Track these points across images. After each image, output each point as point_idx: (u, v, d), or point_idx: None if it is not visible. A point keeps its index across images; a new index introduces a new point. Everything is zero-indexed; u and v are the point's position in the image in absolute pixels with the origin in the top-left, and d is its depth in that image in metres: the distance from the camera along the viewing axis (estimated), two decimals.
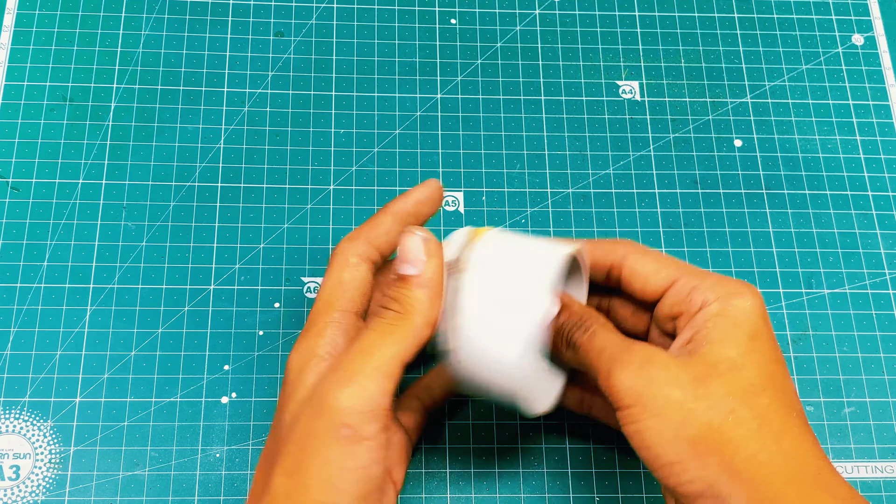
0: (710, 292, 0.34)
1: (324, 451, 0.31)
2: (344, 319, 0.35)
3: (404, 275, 0.34)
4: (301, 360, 0.34)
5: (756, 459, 0.31)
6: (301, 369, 0.34)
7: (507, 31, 0.53)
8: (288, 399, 0.34)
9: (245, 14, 0.53)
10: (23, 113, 0.49)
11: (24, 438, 0.42)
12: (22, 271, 0.46)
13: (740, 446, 0.31)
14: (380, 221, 0.37)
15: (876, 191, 0.50)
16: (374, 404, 0.31)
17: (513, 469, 0.43)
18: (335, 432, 0.31)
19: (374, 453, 0.32)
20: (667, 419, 0.31)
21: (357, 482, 0.31)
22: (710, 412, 0.31)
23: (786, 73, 0.53)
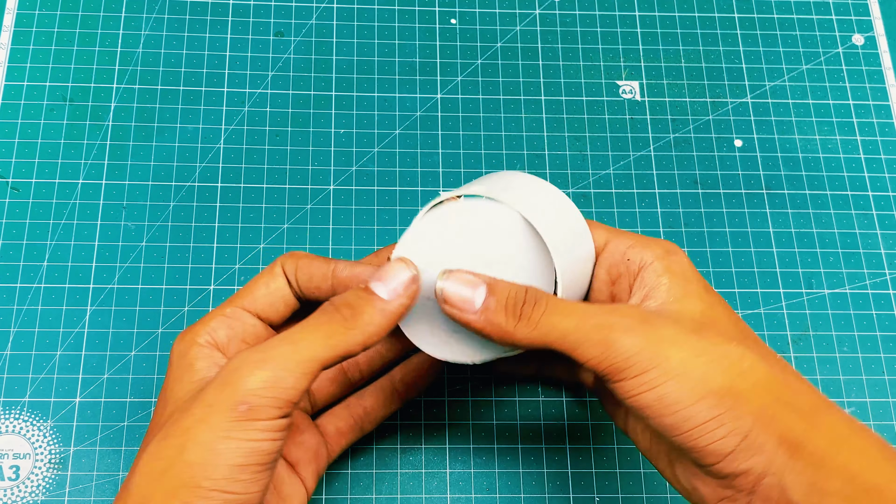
0: (645, 252, 0.34)
1: (213, 418, 0.30)
2: (234, 315, 0.35)
3: (371, 291, 0.32)
4: (182, 348, 0.34)
5: (781, 401, 0.30)
6: (182, 355, 0.34)
7: (507, 31, 0.53)
8: (174, 383, 0.33)
9: (245, 14, 0.53)
10: (23, 113, 0.49)
11: (24, 438, 0.42)
12: (22, 271, 0.46)
13: (765, 390, 0.30)
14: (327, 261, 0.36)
15: (876, 191, 0.50)
16: (283, 395, 0.30)
17: (513, 469, 0.43)
18: (231, 406, 0.29)
19: (267, 434, 0.30)
20: (688, 378, 0.30)
21: (240, 452, 0.29)
22: (726, 361, 0.30)
23: (786, 73, 0.53)
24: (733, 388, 0.30)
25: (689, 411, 0.30)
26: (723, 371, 0.30)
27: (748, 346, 0.32)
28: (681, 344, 0.31)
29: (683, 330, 0.31)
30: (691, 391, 0.30)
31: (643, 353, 0.30)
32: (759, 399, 0.30)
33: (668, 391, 0.30)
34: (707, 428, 0.30)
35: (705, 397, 0.30)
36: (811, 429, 0.30)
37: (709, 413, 0.30)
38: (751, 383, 0.30)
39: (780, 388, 0.31)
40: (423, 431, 0.44)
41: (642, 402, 0.30)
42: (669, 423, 0.30)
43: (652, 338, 0.31)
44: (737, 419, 0.30)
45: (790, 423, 0.30)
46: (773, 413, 0.30)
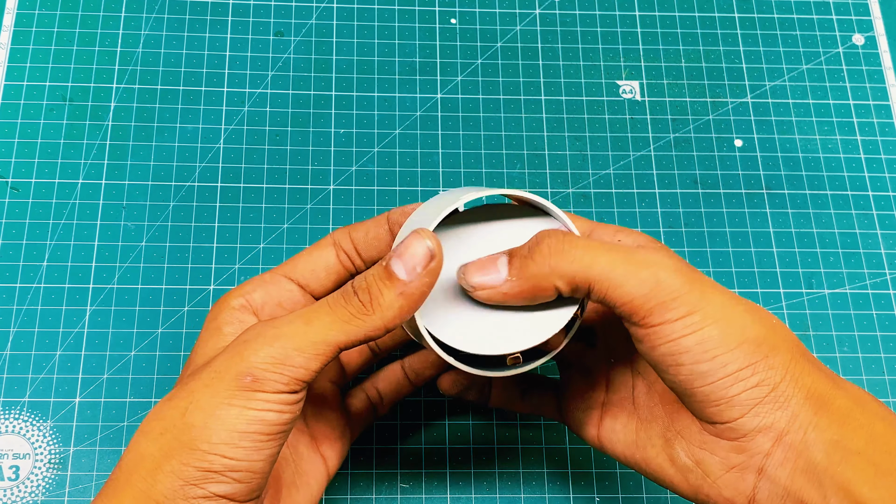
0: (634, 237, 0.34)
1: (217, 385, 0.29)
2: (273, 280, 0.35)
3: (391, 270, 0.30)
4: (215, 311, 0.34)
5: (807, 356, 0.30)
6: (213, 318, 0.34)
7: (507, 31, 0.53)
8: (201, 345, 0.33)
9: (245, 14, 0.53)
10: (23, 113, 0.49)
11: (24, 438, 0.42)
12: (22, 271, 0.46)
13: (791, 348, 0.30)
14: (370, 227, 0.36)
15: (876, 191, 0.50)
16: (291, 373, 0.29)
17: (513, 469, 0.43)
18: (236, 376, 0.29)
19: (272, 405, 0.29)
20: (730, 323, 0.29)
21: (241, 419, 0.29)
22: (758, 314, 0.30)
23: (786, 73, 0.53)
24: (769, 339, 0.30)
25: (727, 357, 0.29)
26: (758, 322, 0.30)
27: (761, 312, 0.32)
28: (720, 292, 0.30)
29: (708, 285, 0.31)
30: (731, 336, 0.29)
31: (690, 294, 0.29)
32: (790, 353, 0.30)
33: (711, 335, 0.29)
34: (741, 375, 0.29)
35: (743, 344, 0.29)
36: (836, 388, 0.30)
37: (745, 360, 0.29)
38: (780, 338, 0.30)
39: (802, 348, 0.31)
40: (423, 431, 0.44)
41: (682, 347, 0.29)
42: (704, 369, 0.29)
43: (696, 280, 0.30)
44: (770, 368, 0.29)
45: (817, 379, 0.30)
46: (801, 368, 0.30)
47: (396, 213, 0.35)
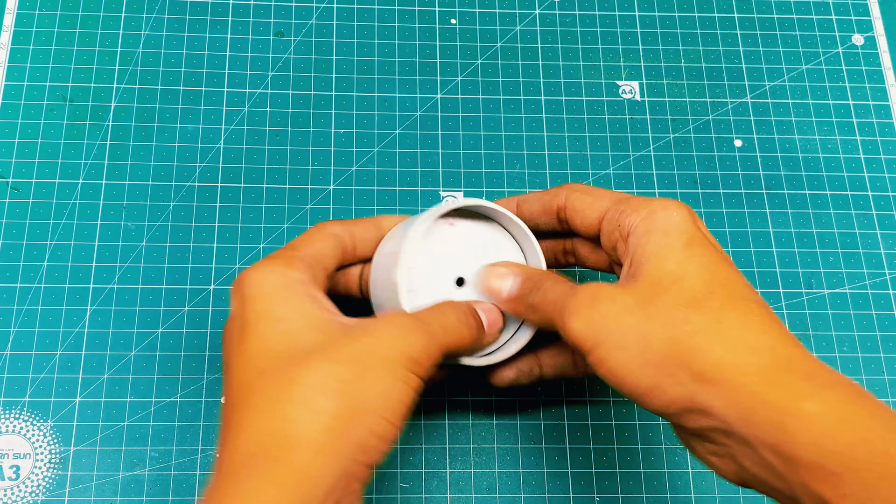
0: (634, 213, 0.34)
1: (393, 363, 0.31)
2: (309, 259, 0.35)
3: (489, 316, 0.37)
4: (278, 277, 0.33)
5: (724, 362, 0.30)
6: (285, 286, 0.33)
7: (507, 31, 0.53)
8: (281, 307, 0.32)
9: (245, 14, 0.53)
10: (23, 113, 0.49)
11: (24, 438, 0.42)
12: (22, 271, 0.46)
13: (705, 353, 0.30)
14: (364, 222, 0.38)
15: (876, 191, 0.50)
16: (430, 364, 0.33)
17: (513, 469, 0.43)
18: (409, 360, 0.32)
19: (418, 388, 0.32)
20: (629, 349, 0.31)
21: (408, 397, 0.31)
22: (666, 328, 0.31)
23: (786, 73, 0.53)
24: (672, 356, 0.30)
25: (633, 381, 0.31)
26: (663, 339, 0.31)
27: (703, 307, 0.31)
28: (624, 316, 0.32)
29: (632, 300, 0.32)
30: (631, 363, 0.31)
31: (588, 332, 0.32)
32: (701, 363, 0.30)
33: (613, 365, 0.31)
34: (653, 395, 0.31)
35: (643, 367, 0.31)
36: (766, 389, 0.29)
37: (649, 382, 0.31)
38: (691, 348, 0.30)
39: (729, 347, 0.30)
40: (423, 431, 0.44)
41: (601, 374, 0.32)
42: (625, 391, 0.32)
43: (595, 315, 0.32)
44: (676, 385, 0.30)
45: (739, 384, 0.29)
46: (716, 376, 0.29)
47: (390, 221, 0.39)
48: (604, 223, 0.36)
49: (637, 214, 0.34)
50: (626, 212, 0.35)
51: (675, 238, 0.33)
